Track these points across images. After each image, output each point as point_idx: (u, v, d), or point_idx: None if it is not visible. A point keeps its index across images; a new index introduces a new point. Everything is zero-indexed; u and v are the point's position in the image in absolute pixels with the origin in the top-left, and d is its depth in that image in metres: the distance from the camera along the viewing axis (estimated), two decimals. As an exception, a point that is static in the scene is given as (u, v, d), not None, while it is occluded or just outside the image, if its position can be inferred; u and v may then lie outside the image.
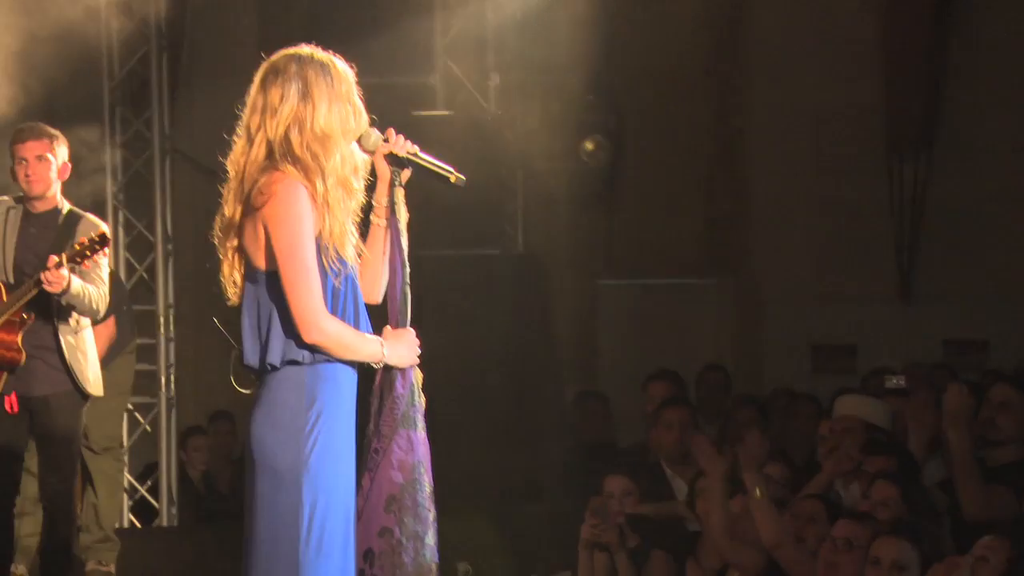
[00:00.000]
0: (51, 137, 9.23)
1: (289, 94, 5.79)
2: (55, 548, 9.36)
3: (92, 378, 9.25)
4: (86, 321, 9.16)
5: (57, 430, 9.25)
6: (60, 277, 8.66)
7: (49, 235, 9.23)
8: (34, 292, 8.86)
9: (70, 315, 9.09)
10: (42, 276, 8.68)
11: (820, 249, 14.69)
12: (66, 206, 9.34)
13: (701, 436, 9.46)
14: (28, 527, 9.85)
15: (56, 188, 9.27)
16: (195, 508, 12.36)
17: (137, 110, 12.16)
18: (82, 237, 9.05)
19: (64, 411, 9.24)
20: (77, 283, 8.75)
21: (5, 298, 9.01)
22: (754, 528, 8.32)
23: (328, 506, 5.74)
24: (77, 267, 8.84)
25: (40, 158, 9.15)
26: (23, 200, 9.23)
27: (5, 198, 9.34)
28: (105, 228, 9.32)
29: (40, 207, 9.20)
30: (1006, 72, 14.79)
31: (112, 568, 10.66)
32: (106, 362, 9.61)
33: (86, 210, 10.16)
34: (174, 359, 12.56)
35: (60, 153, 9.23)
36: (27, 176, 9.15)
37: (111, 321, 9.60)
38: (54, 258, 8.66)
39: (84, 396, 9.26)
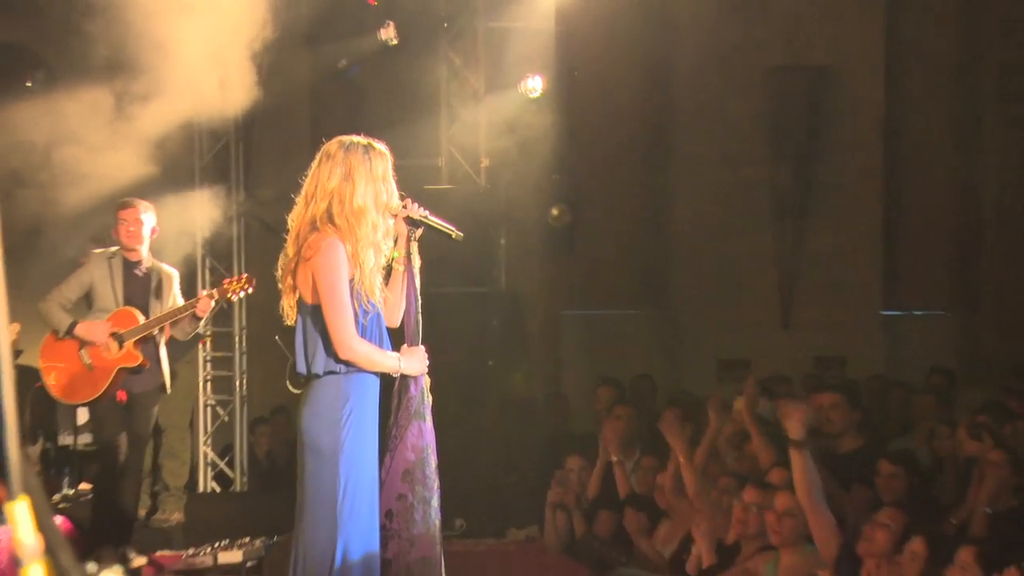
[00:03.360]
0: (144, 208, 9.25)
1: (335, 174, 5.89)
2: (128, 493, 9.41)
3: (169, 380, 9.42)
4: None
5: (145, 415, 9.37)
6: (208, 306, 9.03)
7: (143, 278, 9.30)
8: (184, 315, 9.06)
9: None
10: (199, 305, 8.98)
11: (722, 289, 14.62)
12: (149, 256, 9.35)
13: (669, 411, 9.42)
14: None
15: (146, 244, 9.27)
16: (260, 478, 12.36)
17: (220, 184, 12.05)
18: (224, 280, 9.39)
19: (152, 402, 9.41)
20: None
21: (139, 321, 9.05)
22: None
23: (358, 478, 5.93)
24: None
25: (136, 220, 9.13)
26: (120, 251, 9.22)
27: (103, 250, 9.33)
28: (173, 272, 9.53)
29: (133, 257, 9.22)
30: (860, 155, 14.77)
31: (178, 516, 10.84)
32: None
33: (183, 256, 10.70)
34: (245, 367, 12.54)
35: (149, 220, 9.23)
36: (128, 233, 9.15)
37: None
38: (203, 292, 9.35)
39: (164, 391, 9.41)
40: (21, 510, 1.27)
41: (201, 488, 12.36)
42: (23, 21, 10.41)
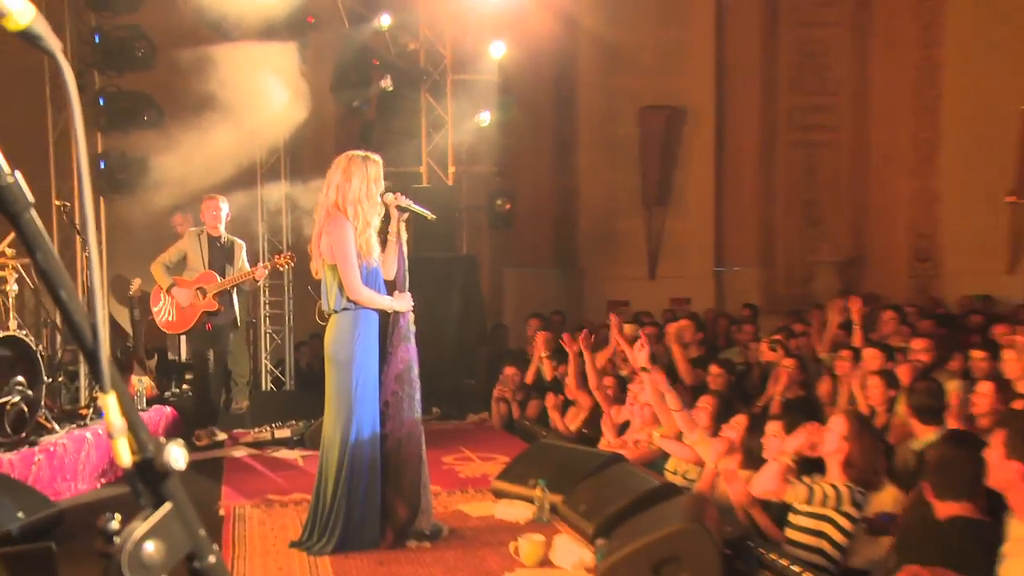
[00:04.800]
0: (222, 200, 9.22)
1: (338, 175, 5.92)
2: (214, 391, 9.40)
3: (239, 318, 9.46)
4: None
5: (223, 340, 9.34)
6: (263, 274, 9.14)
7: (221, 248, 9.18)
8: (247, 279, 9.06)
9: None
10: (256, 273, 9.04)
11: (611, 253, 14.56)
12: (225, 233, 9.21)
13: (614, 315, 9.31)
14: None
15: (223, 224, 9.17)
16: (302, 381, 12.30)
17: (273, 183, 12.05)
18: (276, 255, 9.45)
19: (228, 332, 9.39)
20: None
21: (219, 280, 9.02)
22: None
23: (365, 380, 5.90)
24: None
25: (217, 208, 9.11)
26: (205, 229, 9.15)
27: (195, 228, 9.25)
28: (243, 243, 9.43)
29: (214, 233, 9.10)
30: (699, 166, 14.74)
31: (246, 403, 10.81)
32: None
33: (250, 232, 10.84)
34: (292, 308, 12.44)
35: (224, 208, 9.17)
36: (211, 216, 9.10)
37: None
38: (261, 264, 9.26)
39: (236, 326, 9.47)
40: (111, 400, 1.26)
41: (263, 388, 12.32)
42: (144, 76, 10.25)
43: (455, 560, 5.62)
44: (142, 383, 9.59)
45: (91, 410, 8.30)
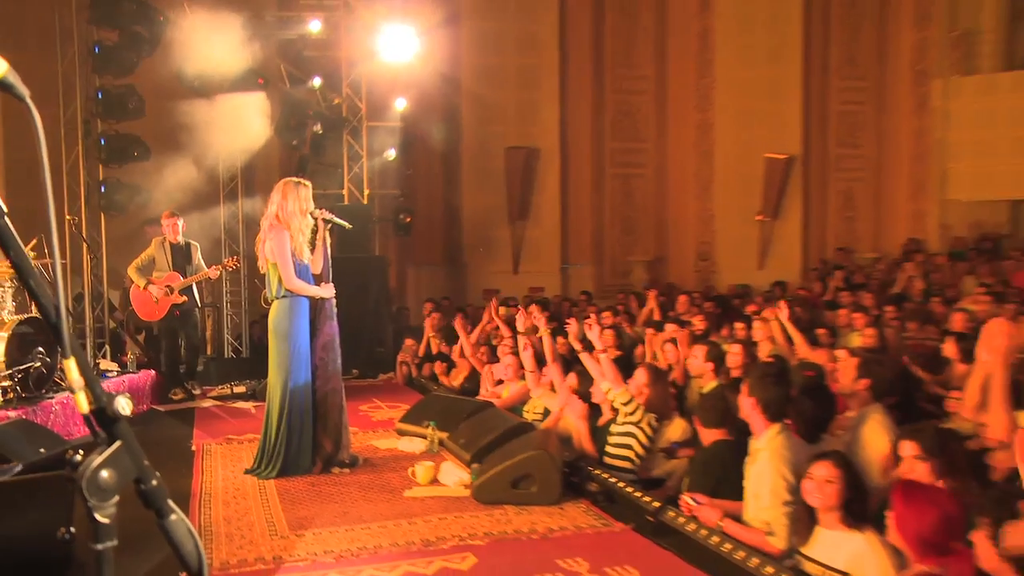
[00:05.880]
0: (178, 216, 8.85)
1: (279, 195, 5.73)
2: (188, 358, 9.15)
3: (199, 304, 9.17)
4: None
5: (191, 321, 9.03)
6: (216, 274, 8.72)
7: (182, 253, 8.84)
8: (204, 277, 8.73)
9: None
10: (211, 273, 8.69)
11: (485, 254, 14.51)
12: (183, 238, 8.86)
13: (460, 315, 9.25)
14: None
15: (180, 233, 8.82)
16: (255, 350, 11.83)
17: (232, 202, 11.81)
18: (226, 259, 9.04)
19: (192, 315, 9.04)
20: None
21: (182, 279, 8.69)
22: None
23: (298, 348, 5.70)
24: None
25: (175, 222, 8.79)
26: (167, 239, 8.78)
27: (159, 238, 8.83)
28: (197, 244, 9.04)
29: (174, 241, 8.78)
30: (548, 190, 14.75)
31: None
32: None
33: (214, 238, 10.62)
34: (247, 294, 12.13)
35: (180, 222, 8.81)
36: (172, 228, 8.78)
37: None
38: (215, 266, 8.85)
39: (198, 308, 9.14)
40: (72, 364, 1.27)
41: (226, 355, 12.02)
42: (135, 123, 10.17)
43: (368, 481, 5.56)
44: (134, 352, 9.33)
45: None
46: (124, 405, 1.34)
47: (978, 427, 4.31)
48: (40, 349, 6.73)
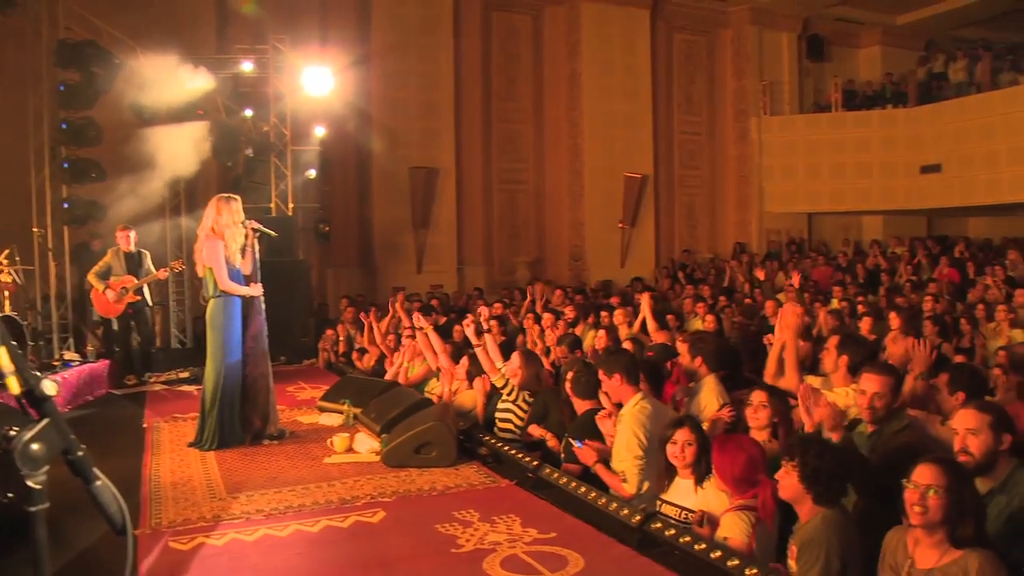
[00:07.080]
0: (131, 229, 8.68)
1: (213, 210, 5.64)
2: (147, 341, 9.01)
3: (151, 303, 8.90)
4: None
5: (143, 317, 8.83)
6: (164, 276, 8.49)
7: (134, 260, 8.61)
8: (153, 279, 8.52)
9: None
10: (160, 275, 8.45)
11: (395, 256, 14.38)
12: (135, 247, 8.68)
13: (373, 310, 9.17)
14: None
15: (132, 243, 8.63)
16: (197, 341, 11.36)
17: (176, 216, 11.48)
18: (172, 262, 8.89)
19: (144, 311, 8.80)
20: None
21: (134, 281, 8.48)
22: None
23: (231, 339, 5.64)
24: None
25: (127, 234, 8.61)
26: (121, 248, 8.60)
27: (115, 247, 8.62)
28: (147, 252, 8.84)
29: (127, 250, 8.59)
30: (445, 206, 14.67)
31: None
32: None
33: (162, 245, 10.48)
34: (190, 294, 11.84)
35: (132, 234, 8.63)
36: (124, 239, 8.59)
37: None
38: (172, 264, 8.72)
39: (149, 306, 8.88)
40: (2, 352, 1.30)
41: (172, 346, 11.70)
42: (95, 149, 10.10)
43: (293, 451, 5.56)
44: (94, 344, 9.25)
45: (59, 362, 8.22)
46: (50, 387, 1.33)
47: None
48: (13, 343, 6.44)
